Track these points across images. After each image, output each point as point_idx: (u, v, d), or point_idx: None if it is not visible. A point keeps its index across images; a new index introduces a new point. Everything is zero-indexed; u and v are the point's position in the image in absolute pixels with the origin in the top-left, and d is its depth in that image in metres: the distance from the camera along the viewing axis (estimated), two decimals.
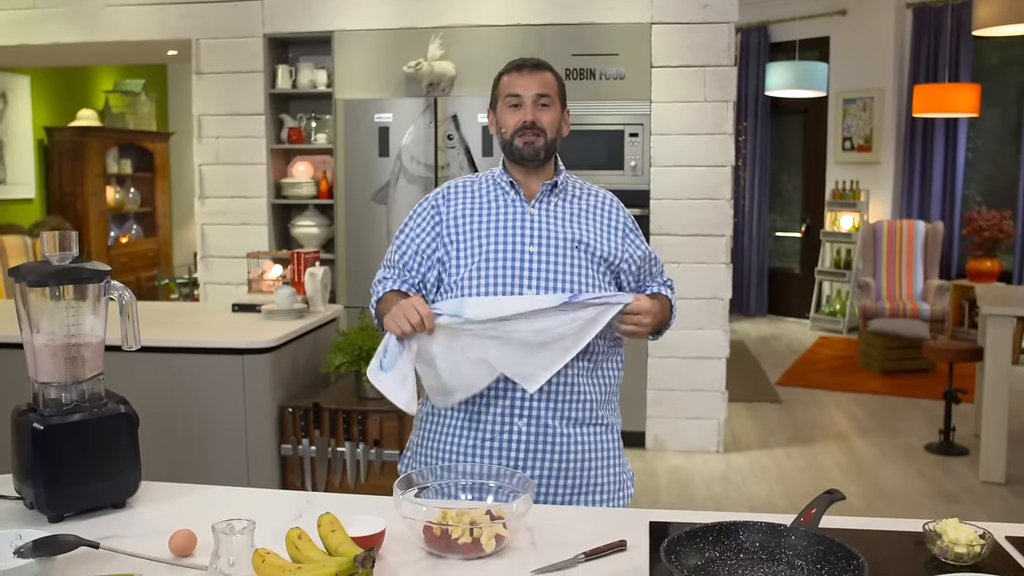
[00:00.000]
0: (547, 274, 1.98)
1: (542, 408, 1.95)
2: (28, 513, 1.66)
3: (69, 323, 1.68)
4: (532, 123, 2.01)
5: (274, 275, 4.42)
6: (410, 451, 2.13)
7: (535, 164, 2.05)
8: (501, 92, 2.07)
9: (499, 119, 2.08)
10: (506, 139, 2.05)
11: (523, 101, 2.03)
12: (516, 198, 2.06)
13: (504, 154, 2.08)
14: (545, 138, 2.03)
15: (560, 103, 2.08)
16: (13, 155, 8.17)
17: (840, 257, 8.85)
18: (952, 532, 1.45)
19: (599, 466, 2.05)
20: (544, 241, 2.00)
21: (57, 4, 5.62)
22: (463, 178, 2.14)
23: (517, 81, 2.04)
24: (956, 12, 7.99)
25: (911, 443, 5.34)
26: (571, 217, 2.06)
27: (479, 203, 2.07)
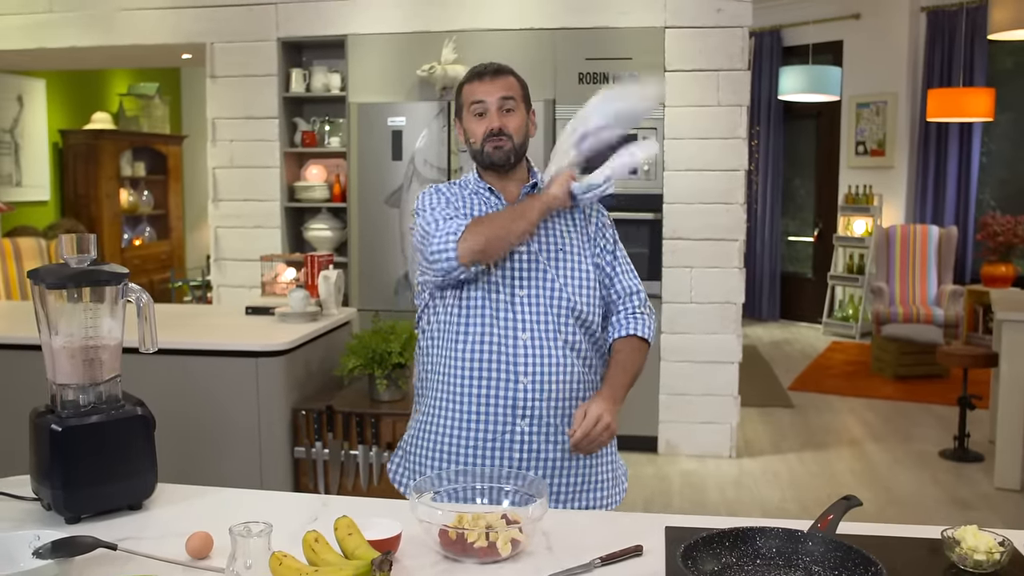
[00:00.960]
0: (536, 274, 2.00)
1: (544, 407, 1.97)
2: (45, 514, 1.66)
3: (87, 325, 1.69)
4: (499, 129, 2.02)
5: (288, 278, 4.43)
6: (401, 451, 2.14)
7: (506, 168, 2.06)
8: (465, 101, 2.07)
9: (466, 128, 2.08)
10: (476, 148, 2.06)
11: (487, 108, 2.03)
12: (497, 203, 2.07)
13: (476, 162, 2.09)
14: (513, 142, 2.03)
15: (525, 105, 2.08)
16: (28, 158, 8.22)
17: (853, 262, 8.82)
18: (971, 539, 1.44)
19: (598, 463, 2.07)
20: (532, 242, 2.02)
21: (73, 8, 5.65)
22: (446, 184, 2.14)
23: (479, 88, 2.04)
24: (971, 16, 7.95)
25: (925, 449, 5.31)
26: (553, 217, 2.08)
27: (464, 208, 2.07)
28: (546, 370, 1.97)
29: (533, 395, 1.96)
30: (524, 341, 1.97)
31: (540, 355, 1.97)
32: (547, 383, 1.96)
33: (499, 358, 1.97)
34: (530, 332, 1.97)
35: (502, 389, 1.97)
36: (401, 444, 2.15)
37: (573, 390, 2.00)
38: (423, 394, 2.12)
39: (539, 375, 1.96)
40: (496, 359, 1.97)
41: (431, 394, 2.07)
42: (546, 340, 1.98)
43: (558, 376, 1.97)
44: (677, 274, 5.10)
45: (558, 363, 1.98)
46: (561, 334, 1.99)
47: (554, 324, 1.99)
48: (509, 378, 1.96)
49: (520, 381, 1.96)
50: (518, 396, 1.96)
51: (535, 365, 1.96)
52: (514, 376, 1.96)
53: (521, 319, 1.98)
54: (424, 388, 2.11)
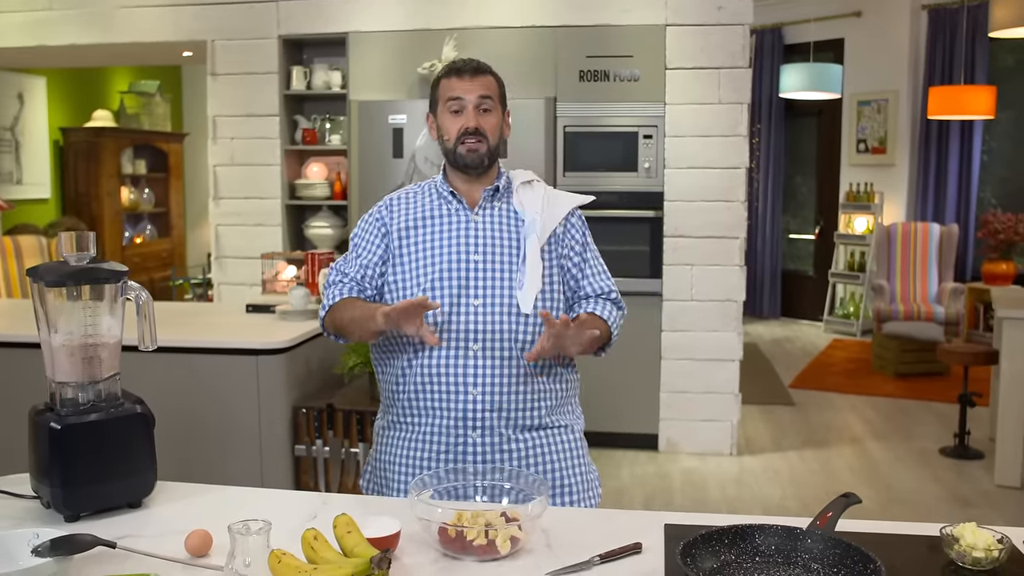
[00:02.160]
0: (493, 281, 1.96)
1: (493, 417, 1.94)
2: (45, 512, 1.66)
3: (86, 323, 1.69)
4: (476, 129, 1.98)
5: (288, 276, 4.43)
6: (370, 466, 2.12)
7: (479, 172, 2.02)
8: (441, 96, 2.03)
9: (440, 125, 2.04)
10: (449, 146, 2.02)
11: (464, 105, 1.99)
12: (459, 207, 2.03)
13: (447, 161, 2.05)
14: (488, 144, 2.00)
15: (501, 106, 2.05)
16: (29, 155, 8.22)
17: (854, 259, 8.81)
18: (970, 536, 1.44)
19: (562, 467, 2.03)
20: (489, 249, 1.99)
21: (73, 5, 5.65)
22: (405, 189, 2.13)
23: (458, 85, 2.00)
24: (972, 14, 7.94)
25: (925, 447, 5.31)
26: (515, 222, 2.04)
27: (421, 215, 2.04)
28: (497, 380, 1.93)
29: (483, 406, 1.93)
30: (475, 351, 1.93)
31: (491, 365, 1.93)
32: (498, 394, 1.93)
33: (448, 370, 1.93)
34: (482, 342, 1.93)
35: (451, 401, 1.94)
36: (369, 460, 2.13)
37: (528, 399, 1.97)
38: (382, 404, 2.11)
39: (489, 386, 1.93)
40: (445, 371, 1.93)
41: (387, 406, 2.07)
42: (499, 350, 1.93)
43: (510, 387, 1.94)
44: (678, 272, 5.10)
45: (511, 373, 1.94)
46: (517, 343, 1.94)
47: (510, 333, 1.94)
48: (459, 390, 1.93)
49: (470, 392, 1.93)
50: (467, 408, 1.93)
51: (485, 376, 1.93)
52: (464, 388, 1.93)
53: (474, 329, 1.94)
54: (383, 398, 2.10)
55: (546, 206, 2.05)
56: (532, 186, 2.10)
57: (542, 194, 2.08)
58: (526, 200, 2.05)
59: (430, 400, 1.96)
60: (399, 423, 2.02)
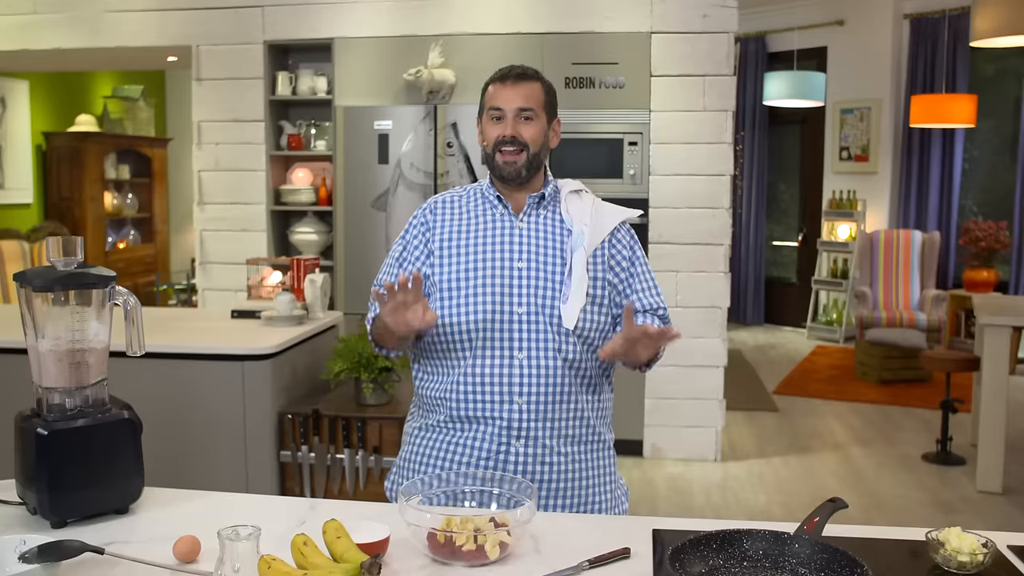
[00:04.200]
0: (536, 291, 1.92)
1: (540, 428, 1.91)
2: (31, 519, 1.65)
3: (74, 328, 1.68)
4: (512, 137, 1.95)
5: (274, 282, 4.42)
6: (396, 468, 2.08)
7: (517, 183, 1.99)
8: (485, 103, 2.01)
9: (483, 131, 2.02)
10: (488, 152, 2.00)
11: (504, 115, 1.96)
12: (504, 212, 2.00)
13: (488, 168, 2.02)
14: (527, 153, 1.96)
15: (547, 115, 2.01)
16: (11, 160, 8.17)
17: (837, 267, 8.87)
18: (955, 541, 1.46)
19: (596, 483, 2.00)
20: (533, 256, 1.95)
21: (58, 9, 5.62)
22: (450, 192, 2.09)
23: (500, 93, 1.97)
24: (953, 23, 8.03)
25: (908, 453, 5.34)
26: (561, 230, 2.00)
27: (466, 218, 2.01)
28: (543, 390, 1.90)
29: (529, 416, 1.90)
30: (520, 360, 1.90)
31: (537, 375, 1.90)
32: (544, 403, 1.90)
33: (494, 378, 1.90)
34: (527, 351, 1.90)
35: (496, 409, 1.90)
36: (397, 461, 2.09)
37: (572, 411, 1.94)
38: (419, 409, 2.06)
39: (535, 395, 1.90)
40: (491, 378, 1.90)
41: (426, 411, 2.02)
42: (544, 359, 1.90)
43: (555, 396, 1.91)
44: (663, 278, 5.11)
45: (556, 383, 1.91)
46: (561, 352, 1.91)
47: (554, 343, 1.91)
48: (504, 399, 1.90)
49: (515, 401, 1.90)
50: (513, 417, 1.90)
51: (531, 385, 1.89)
52: (508, 396, 1.90)
53: (518, 337, 1.90)
54: (420, 404, 2.06)
55: (594, 218, 2.01)
56: (581, 196, 2.05)
57: (590, 205, 2.03)
58: (574, 210, 2.01)
59: (476, 408, 1.91)
60: (440, 426, 1.97)
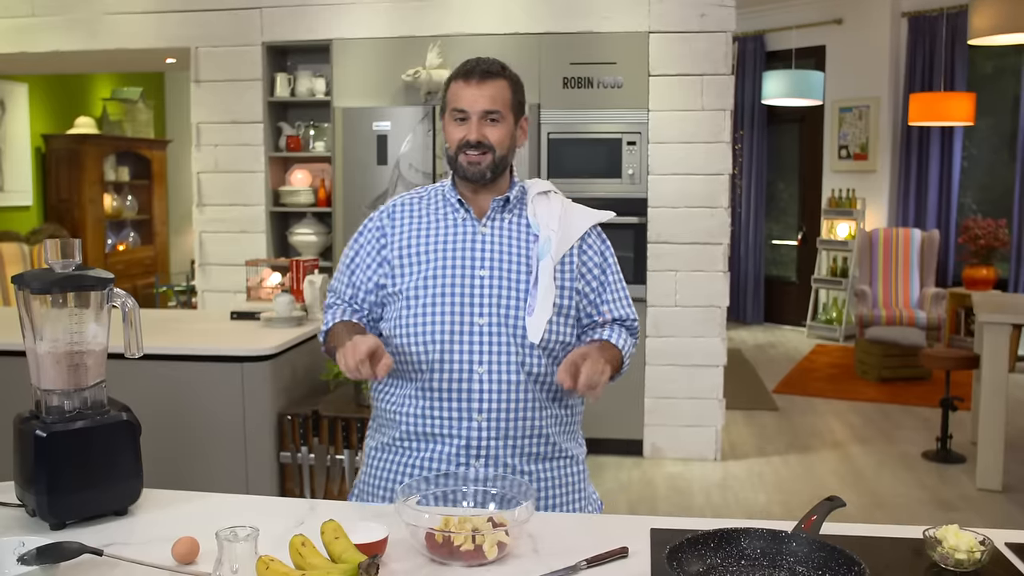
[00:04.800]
0: (499, 299, 1.83)
1: (501, 447, 1.83)
2: (30, 520, 1.65)
3: (72, 331, 1.69)
4: (478, 141, 1.84)
5: (273, 283, 4.42)
6: (357, 489, 1.99)
7: (481, 183, 1.89)
8: (448, 102, 1.89)
9: (446, 131, 1.90)
10: (450, 155, 1.89)
11: (469, 117, 1.85)
12: (466, 217, 1.90)
13: (451, 169, 1.92)
14: (493, 155, 1.86)
15: (514, 114, 1.90)
16: (11, 162, 8.17)
17: (836, 265, 8.87)
18: (952, 538, 1.46)
19: (563, 501, 1.92)
20: (496, 264, 1.85)
21: (56, 12, 5.62)
22: (410, 193, 1.99)
23: (464, 93, 1.86)
24: (951, 21, 8.03)
25: (908, 451, 5.35)
26: (527, 236, 1.90)
27: (426, 223, 1.91)
28: (504, 407, 1.81)
29: (489, 434, 1.81)
30: (480, 375, 1.81)
31: (498, 391, 1.81)
32: (505, 421, 1.81)
33: (452, 394, 1.82)
34: (487, 365, 1.81)
35: (455, 427, 1.82)
36: (357, 483, 2.00)
37: (535, 428, 1.85)
38: (376, 423, 1.98)
39: (496, 412, 1.81)
40: (448, 395, 1.82)
41: (383, 426, 1.94)
42: (506, 374, 1.81)
43: (518, 414, 1.82)
44: (662, 278, 5.12)
45: (519, 399, 1.82)
46: (525, 367, 1.82)
47: (517, 356, 1.82)
48: (462, 415, 1.81)
49: (475, 419, 1.81)
50: (472, 435, 1.81)
51: (491, 402, 1.81)
52: (467, 413, 1.81)
53: (479, 351, 1.81)
54: (377, 417, 1.97)
55: (562, 222, 1.91)
56: (549, 198, 1.95)
57: (559, 208, 1.93)
58: (541, 213, 1.92)
59: (433, 425, 1.84)
60: (396, 446, 1.89)
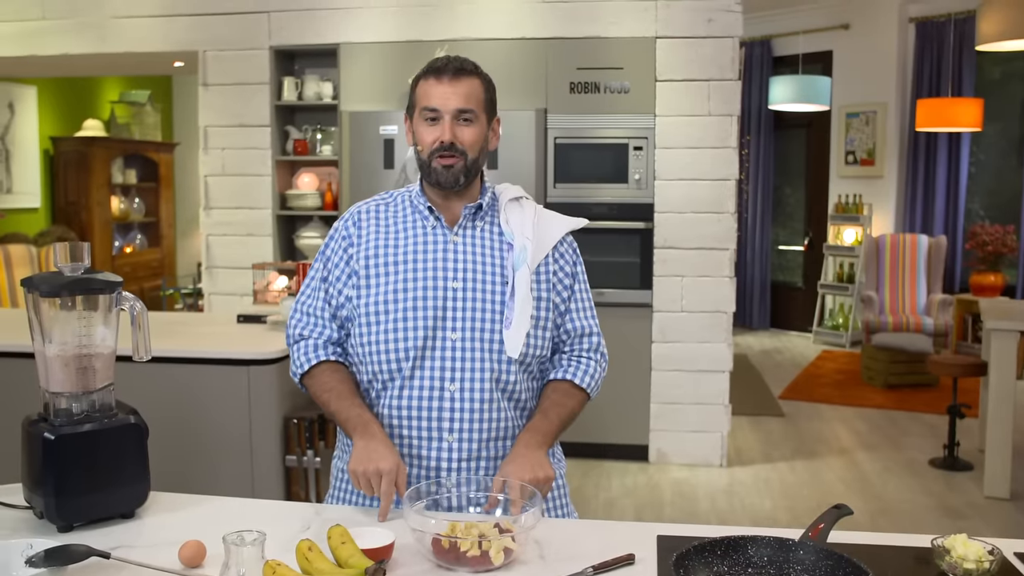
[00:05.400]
0: (473, 312, 1.77)
1: (473, 468, 1.79)
2: (38, 523, 1.66)
3: (80, 333, 1.69)
4: (451, 143, 1.77)
5: (279, 286, 4.43)
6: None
7: (455, 189, 1.81)
8: (418, 101, 1.80)
9: (415, 132, 1.82)
10: (423, 159, 1.81)
11: (440, 116, 1.77)
12: (436, 225, 1.83)
13: (421, 174, 1.84)
14: (465, 160, 1.78)
15: (487, 115, 1.83)
16: (19, 165, 8.20)
17: (843, 271, 8.86)
18: (961, 548, 1.45)
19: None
20: (469, 275, 1.79)
21: (66, 15, 5.65)
22: (375, 199, 1.91)
23: (435, 91, 1.77)
24: (959, 27, 8.02)
25: (915, 458, 5.33)
26: (500, 245, 1.84)
27: (394, 231, 1.83)
28: (476, 427, 1.77)
29: (460, 455, 1.77)
30: (452, 392, 1.76)
31: (471, 409, 1.77)
32: (477, 441, 1.78)
33: (421, 413, 1.77)
34: (459, 382, 1.77)
35: (424, 448, 1.77)
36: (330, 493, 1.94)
37: (506, 447, 1.81)
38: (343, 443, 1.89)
39: (468, 432, 1.77)
40: (418, 414, 1.77)
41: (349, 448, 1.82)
42: (480, 392, 1.77)
43: (491, 433, 1.78)
44: (668, 283, 5.12)
45: (491, 418, 1.78)
46: (499, 383, 1.78)
47: (492, 372, 1.77)
48: (432, 436, 1.77)
49: (445, 439, 1.77)
50: (442, 456, 1.77)
51: (463, 421, 1.77)
52: (438, 433, 1.77)
53: (451, 367, 1.76)
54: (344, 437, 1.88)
55: (537, 230, 1.85)
56: (521, 204, 1.89)
57: (532, 216, 1.87)
58: (514, 221, 1.85)
59: (401, 445, 1.78)
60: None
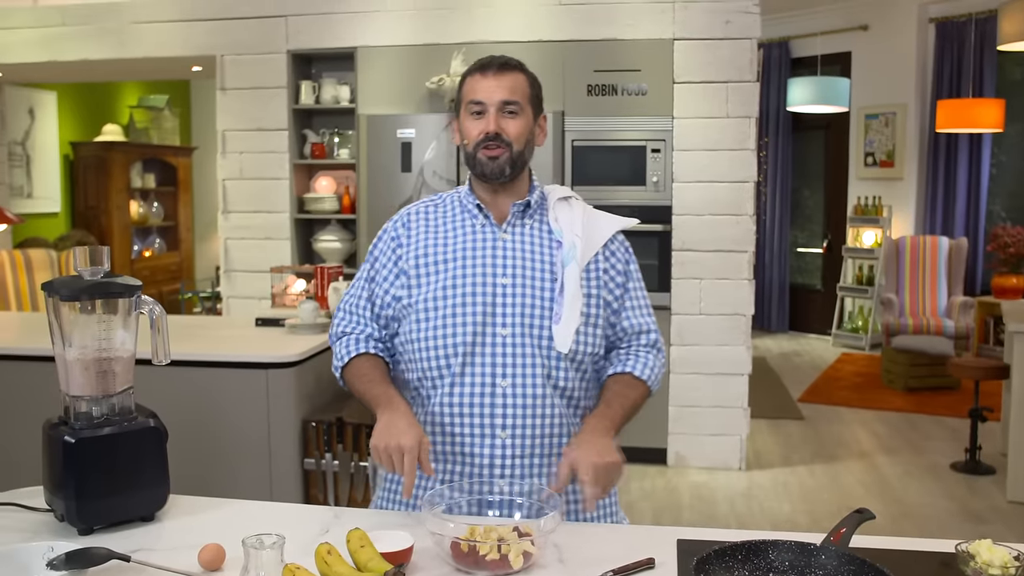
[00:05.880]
0: (523, 308, 1.76)
1: (527, 466, 1.77)
2: (59, 525, 1.67)
3: (100, 337, 1.70)
4: (496, 134, 1.78)
5: (297, 290, 4.44)
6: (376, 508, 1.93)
7: (500, 181, 1.82)
8: (464, 97, 1.83)
9: (462, 128, 1.83)
10: (468, 152, 1.82)
11: (486, 109, 1.79)
12: (485, 222, 1.84)
13: (468, 168, 1.85)
14: (511, 151, 1.79)
15: (533, 109, 1.85)
16: (40, 169, 8.27)
17: (862, 273, 8.80)
18: (985, 553, 1.43)
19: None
20: (519, 272, 1.79)
21: (86, 21, 5.69)
22: (425, 201, 1.92)
23: (480, 85, 1.79)
24: (979, 27, 7.95)
25: (936, 461, 5.28)
26: (549, 242, 1.84)
27: (443, 230, 1.85)
28: (529, 423, 1.75)
29: (514, 452, 1.76)
30: (504, 388, 1.75)
31: (523, 405, 1.75)
32: (530, 438, 1.76)
33: (473, 410, 1.75)
34: (511, 378, 1.75)
35: (477, 446, 1.76)
36: (379, 495, 1.93)
37: (560, 444, 1.79)
38: None
39: (521, 429, 1.75)
40: (470, 411, 1.75)
41: None
42: (532, 388, 1.75)
43: (543, 429, 1.76)
44: (686, 286, 5.10)
45: (545, 415, 1.76)
46: (551, 379, 1.77)
47: (543, 368, 1.75)
48: (485, 433, 1.75)
49: (498, 435, 1.75)
50: (495, 453, 1.76)
51: (516, 417, 1.75)
52: (491, 430, 1.75)
53: (502, 363, 1.75)
54: None
55: (586, 228, 1.85)
56: (570, 204, 1.90)
57: (581, 214, 1.87)
58: (563, 219, 1.86)
59: (453, 443, 1.78)
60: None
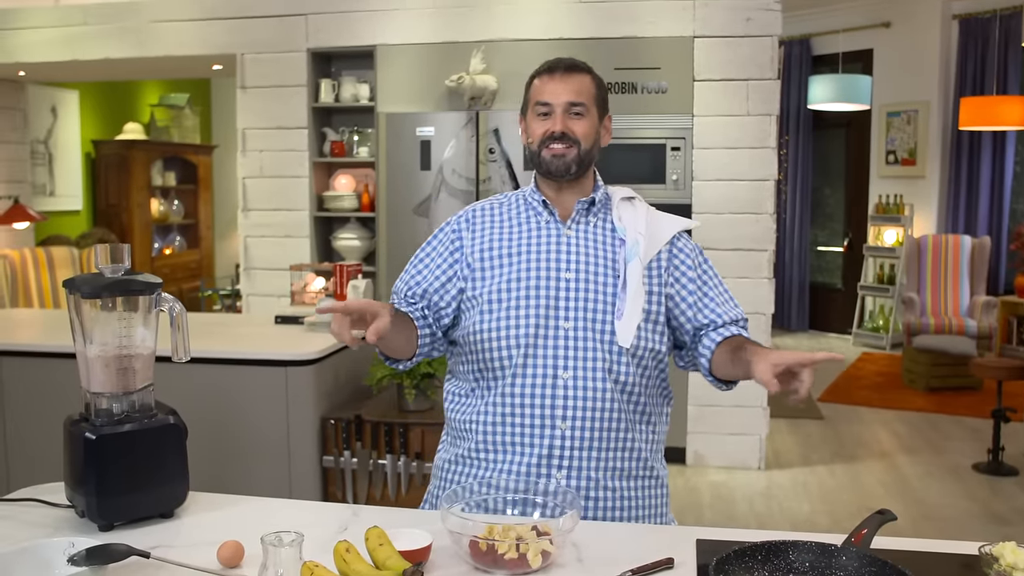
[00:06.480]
0: (586, 303, 1.79)
1: (585, 458, 1.78)
2: (79, 521, 1.68)
3: (121, 334, 1.71)
4: (562, 133, 1.82)
5: (317, 287, 4.45)
6: (427, 504, 1.95)
7: (566, 179, 1.86)
8: (531, 98, 1.88)
9: (528, 127, 1.89)
10: (533, 149, 1.87)
11: (552, 110, 1.83)
12: (550, 219, 1.87)
13: (533, 167, 1.89)
14: (578, 149, 1.83)
15: (598, 110, 1.88)
16: (62, 168, 8.33)
17: (883, 272, 8.73)
18: (1010, 555, 1.42)
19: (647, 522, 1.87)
20: (582, 267, 1.82)
21: (107, 20, 5.73)
22: (490, 199, 1.97)
23: (548, 86, 1.84)
24: (1004, 23, 7.87)
25: (958, 462, 5.24)
26: (612, 239, 1.87)
27: (508, 226, 1.89)
28: (590, 415, 1.76)
29: (573, 443, 1.77)
30: (566, 380, 1.77)
31: (584, 397, 1.76)
32: (591, 430, 1.77)
33: (535, 400, 1.77)
34: (573, 371, 1.77)
35: (537, 436, 1.77)
36: (427, 496, 1.97)
37: (623, 441, 1.81)
38: (449, 437, 1.93)
39: (581, 420, 1.76)
40: (531, 401, 1.77)
41: (456, 438, 1.89)
42: (593, 380, 1.77)
43: (604, 423, 1.77)
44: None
45: (605, 408, 1.77)
46: (612, 374, 1.78)
47: (604, 362, 1.77)
48: (545, 423, 1.77)
49: (558, 427, 1.77)
50: (555, 444, 1.77)
51: (577, 409, 1.76)
52: (551, 421, 1.77)
53: (564, 355, 1.77)
54: (450, 431, 1.93)
55: (649, 227, 1.88)
56: (633, 204, 1.93)
57: (644, 214, 1.91)
58: (627, 218, 1.89)
59: (512, 433, 1.79)
60: (472, 458, 1.84)
